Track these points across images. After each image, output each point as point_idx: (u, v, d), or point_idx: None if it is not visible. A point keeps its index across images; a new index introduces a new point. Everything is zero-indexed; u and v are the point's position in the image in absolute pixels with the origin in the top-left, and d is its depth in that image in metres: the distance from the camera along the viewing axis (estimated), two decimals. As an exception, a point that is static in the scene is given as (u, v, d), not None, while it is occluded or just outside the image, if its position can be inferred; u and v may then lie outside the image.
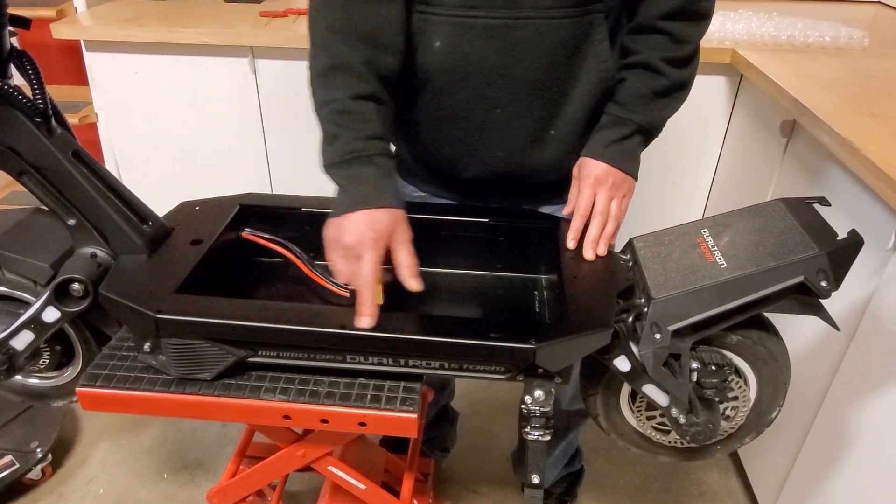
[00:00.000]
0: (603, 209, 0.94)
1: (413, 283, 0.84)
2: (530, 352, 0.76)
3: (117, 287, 0.82)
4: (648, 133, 0.98)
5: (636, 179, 0.99)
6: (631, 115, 0.95)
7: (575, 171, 0.99)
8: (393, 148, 0.97)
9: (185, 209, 1.00)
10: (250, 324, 0.78)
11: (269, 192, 1.94)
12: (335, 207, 0.84)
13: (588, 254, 0.93)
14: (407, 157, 1.09)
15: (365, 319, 0.78)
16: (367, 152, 0.83)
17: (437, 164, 1.05)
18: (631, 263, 0.89)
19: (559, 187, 1.02)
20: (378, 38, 0.86)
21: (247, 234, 1.00)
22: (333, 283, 0.94)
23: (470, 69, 0.91)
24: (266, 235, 1.00)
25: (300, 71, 1.76)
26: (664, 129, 1.00)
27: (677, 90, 0.97)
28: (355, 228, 0.80)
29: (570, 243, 0.95)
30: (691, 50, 0.95)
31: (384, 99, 0.88)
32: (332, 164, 0.84)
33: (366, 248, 0.80)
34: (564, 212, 0.99)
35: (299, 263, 0.96)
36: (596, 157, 0.95)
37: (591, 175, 0.95)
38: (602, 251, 0.93)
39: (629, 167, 0.96)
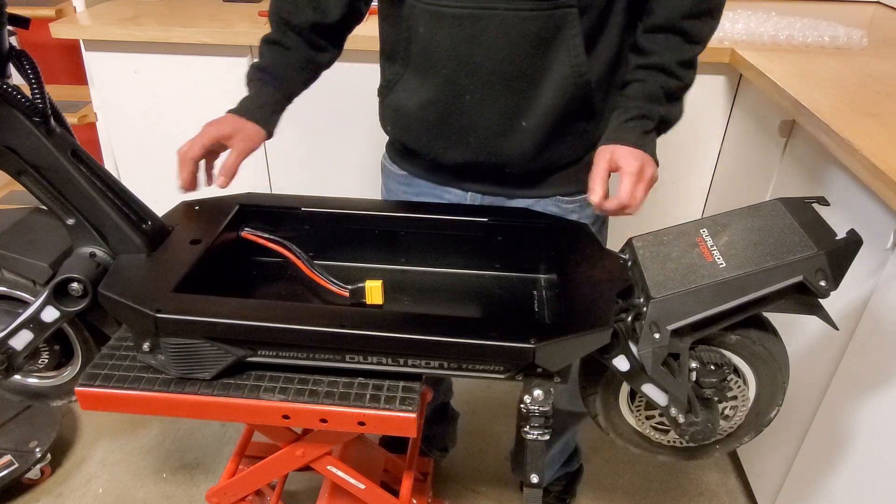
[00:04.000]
0: (639, 201, 0.94)
1: (221, 180, 0.99)
2: (529, 351, 0.76)
3: (116, 286, 0.82)
4: (663, 130, 1.00)
5: None
6: (654, 110, 0.96)
7: (603, 156, 0.94)
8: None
9: (185, 209, 1.00)
10: (249, 323, 0.78)
11: (268, 191, 1.94)
12: None
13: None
14: (394, 137, 1.14)
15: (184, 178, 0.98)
16: (250, 77, 1.07)
17: (416, 147, 1.08)
18: (630, 263, 0.89)
19: (534, 181, 1.07)
20: None
21: (246, 233, 1.00)
22: (333, 282, 0.94)
23: (441, 56, 0.96)
24: (265, 235, 1.00)
25: (299, 70, 1.78)
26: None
27: (684, 91, 1.00)
28: (216, 121, 1.02)
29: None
30: (700, 50, 0.98)
31: (287, 44, 1.05)
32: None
33: (208, 133, 1.00)
34: (592, 198, 0.94)
35: (299, 263, 0.96)
36: (633, 146, 0.93)
37: (635, 165, 0.91)
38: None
39: (656, 159, 0.97)
